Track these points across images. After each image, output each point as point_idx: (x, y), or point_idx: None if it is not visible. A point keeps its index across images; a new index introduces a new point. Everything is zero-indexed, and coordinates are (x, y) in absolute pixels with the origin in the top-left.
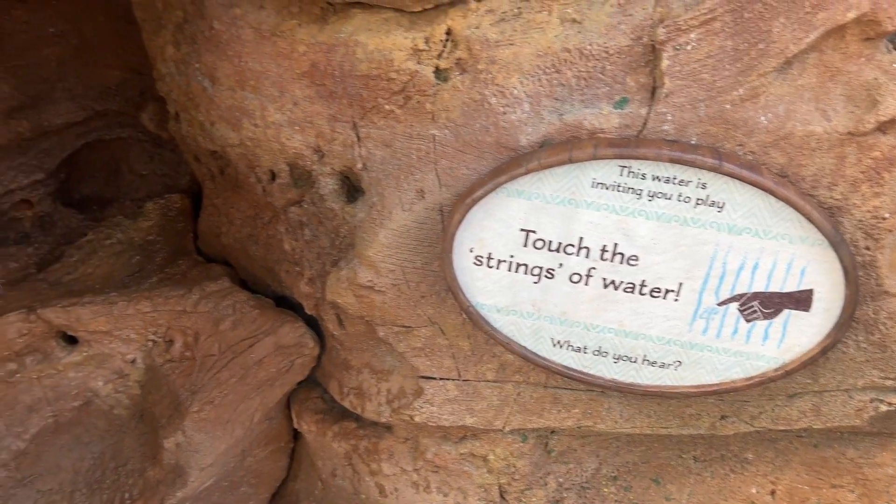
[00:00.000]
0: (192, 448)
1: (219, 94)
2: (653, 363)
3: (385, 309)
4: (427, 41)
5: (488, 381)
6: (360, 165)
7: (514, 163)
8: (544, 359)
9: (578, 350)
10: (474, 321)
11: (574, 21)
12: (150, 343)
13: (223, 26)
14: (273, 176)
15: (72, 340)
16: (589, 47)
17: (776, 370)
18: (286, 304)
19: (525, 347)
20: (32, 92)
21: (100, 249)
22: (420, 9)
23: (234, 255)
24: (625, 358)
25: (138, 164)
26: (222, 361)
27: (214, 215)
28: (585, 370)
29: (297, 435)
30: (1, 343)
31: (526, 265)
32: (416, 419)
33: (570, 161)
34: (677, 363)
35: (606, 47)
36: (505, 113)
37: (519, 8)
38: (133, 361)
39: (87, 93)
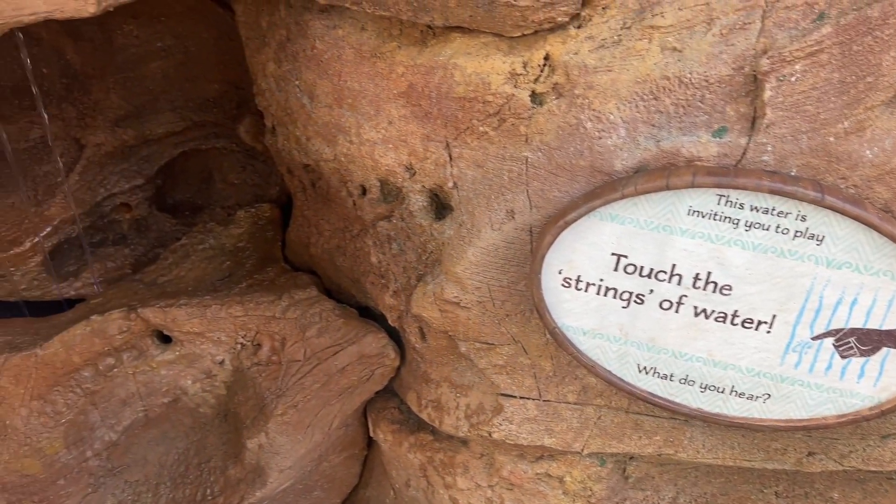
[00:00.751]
0: (273, 450)
1: (316, 111)
2: (741, 394)
3: (469, 325)
4: (525, 66)
5: (569, 402)
6: (450, 184)
7: (609, 187)
8: (629, 384)
9: (665, 377)
10: (559, 342)
11: (675, 49)
12: (238, 346)
13: (325, 46)
14: (364, 191)
15: (166, 340)
16: (689, 76)
17: (871, 409)
18: (369, 315)
19: (610, 371)
20: (138, 102)
21: (193, 254)
22: (520, 34)
23: (320, 265)
24: (712, 388)
25: (231, 174)
26: (307, 367)
27: (304, 226)
28: (671, 398)
29: (370, 443)
30: (102, 338)
31: (615, 289)
32: (495, 436)
33: (668, 188)
34: (766, 396)
35: (706, 76)
36: (600, 138)
37: (619, 35)
38: (221, 363)
39: (187, 104)
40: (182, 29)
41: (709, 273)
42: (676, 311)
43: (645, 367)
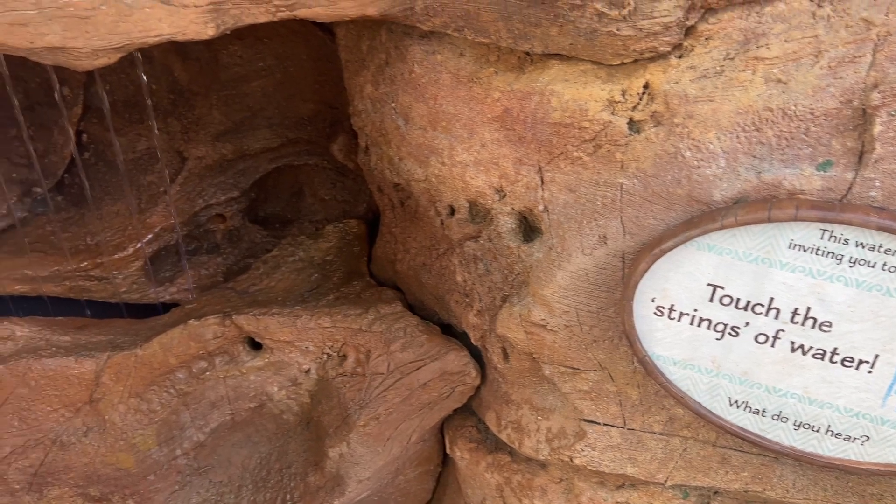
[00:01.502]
0: (353, 460)
1: (410, 132)
2: (837, 435)
3: (555, 348)
4: (623, 94)
5: (654, 432)
6: (541, 208)
7: (707, 217)
8: (719, 417)
9: (757, 412)
10: (648, 371)
11: (779, 81)
12: (325, 356)
13: (423, 70)
14: (452, 211)
15: (256, 346)
16: (793, 108)
17: None
18: (451, 333)
19: (699, 403)
20: (237, 119)
21: (283, 265)
22: (619, 62)
23: (405, 282)
24: (807, 426)
25: (321, 190)
26: (390, 381)
27: (391, 243)
28: (762, 434)
29: (445, 460)
30: (198, 342)
31: (710, 320)
32: (576, 461)
33: (769, 220)
34: (864, 438)
35: (812, 109)
36: (699, 167)
37: (722, 66)
38: (307, 371)
39: (283, 122)
40: (283, 50)
41: (808, 308)
42: (772, 346)
43: (736, 401)
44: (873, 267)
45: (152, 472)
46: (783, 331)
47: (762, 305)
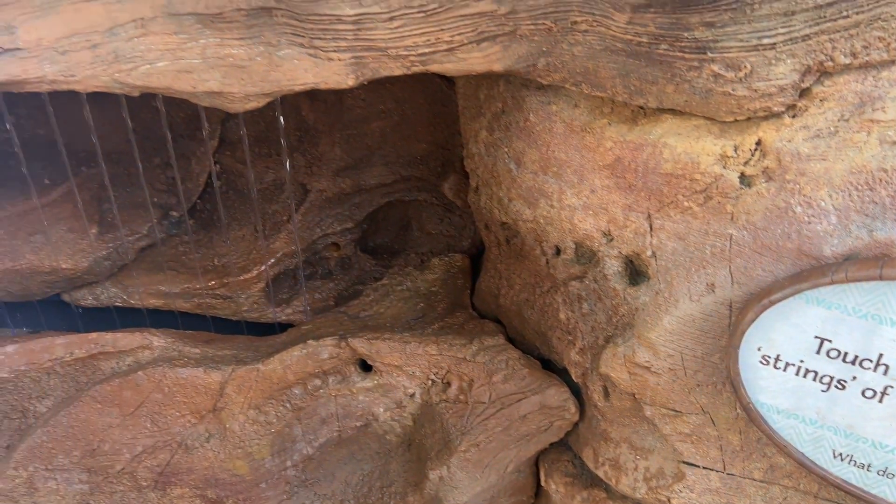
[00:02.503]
0: (452, 483)
1: (521, 176)
2: None
3: (657, 390)
4: (736, 149)
5: (754, 479)
6: (649, 253)
7: (817, 271)
8: (822, 469)
9: (862, 466)
10: (752, 418)
11: (895, 143)
12: (430, 382)
13: (538, 119)
14: (558, 251)
15: (367, 368)
16: None
17: None
18: (550, 368)
19: (803, 454)
20: (357, 156)
21: (391, 293)
22: (732, 119)
23: (507, 316)
24: None
25: (429, 224)
26: (491, 410)
27: (495, 278)
28: (866, 488)
29: (537, 493)
30: (315, 361)
31: (816, 372)
32: (673, 502)
33: (881, 278)
34: None
35: None
36: (810, 223)
37: (836, 127)
38: (412, 395)
39: (398, 160)
40: (402, 95)
41: None
42: (880, 401)
43: (841, 454)
44: None
45: (264, 480)
46: (892, 387)
47: (871, 361)
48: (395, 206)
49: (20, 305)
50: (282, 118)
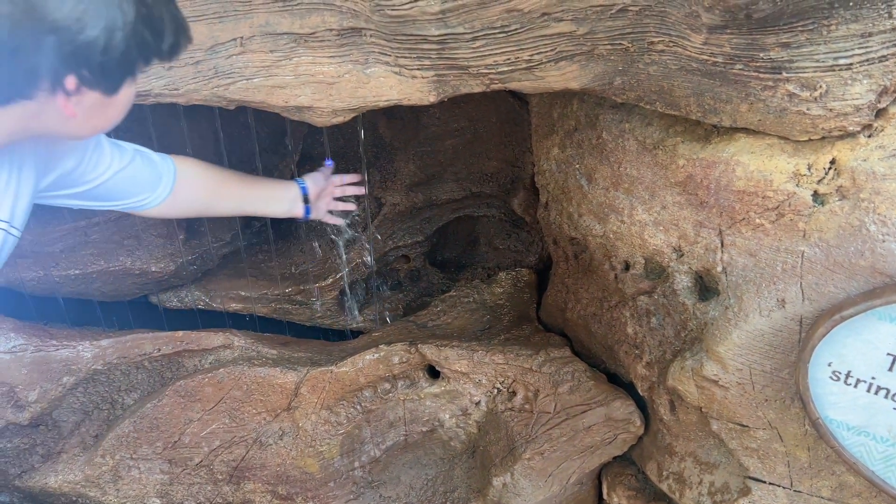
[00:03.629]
0: (515, 490)
1: (592, 192)
2: None
3: (725, 404)
4: (809, 167)
5: (822, 497)
6: (719, 269)
7: (890, 288)
8: (893, 488)
9: None
10: (821, 434)
11: None
12: (495, 390)
13: (610, 136)
14: (627, 266)
15: (434, 375)
16: None
17: None
18: (616, 382)
19: (873, 472)
20: (429, 172)
21: (459, 305)
22: (806, 138)
23: (573, 329)
24: None
25: (496, 239)
26: (556, 420)
27: (562, 292)
28: None
29: None
30: (386, 365)
31: (888, 390)
32: None
33: None
34: None
35: None
36: (884, 241)
37: None
38: (478, 403)
39: (468, 177)
40: (476, 113)
41: None
42: None
43: None
44: None
45: (332, 479)
46: None
47: None
48: (463, 221)
49: (111, 305)
50: (362, 132)
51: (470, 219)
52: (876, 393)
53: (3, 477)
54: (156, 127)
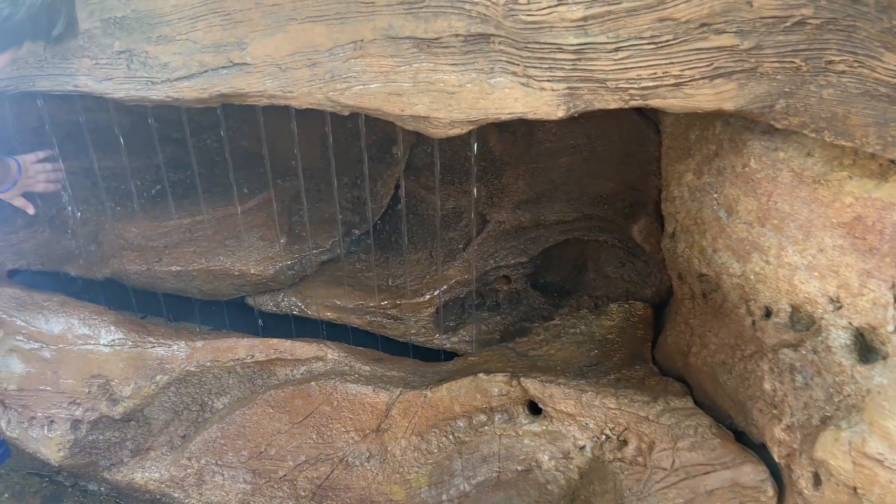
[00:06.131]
0: None
1: (732, 226)
2: None
3: (890, 490)
4: None
5: None
6: (890, 328)
7: None
8: None
9: None
10: None
11: None
12: (604, 437)
13: (760, 166)
14: (769, 313)
15: (535, 411)
16: None
17: None
18: (744, 441)
19: None
20: (539, 190)
21: (564, 335)
22: None
23: (696, 377)
24: None
25: (607, 267)
26: (673, 479)
27: (686, 333)
28: None
29: None
30: (484, 396)
31: None
32: None
33: None
34: None
35: None
36: None
37: None
38: (582, 448)
39: (581, 197)
40: (595, 130)
41: None
42: None
43: None
44: None
45: None
46: None
47: None
48: (572, 244)
49: (209, 304)
50: (475, 144)
51: (579, 242)
52: None
53: (93, 468)
54: (267, 128)
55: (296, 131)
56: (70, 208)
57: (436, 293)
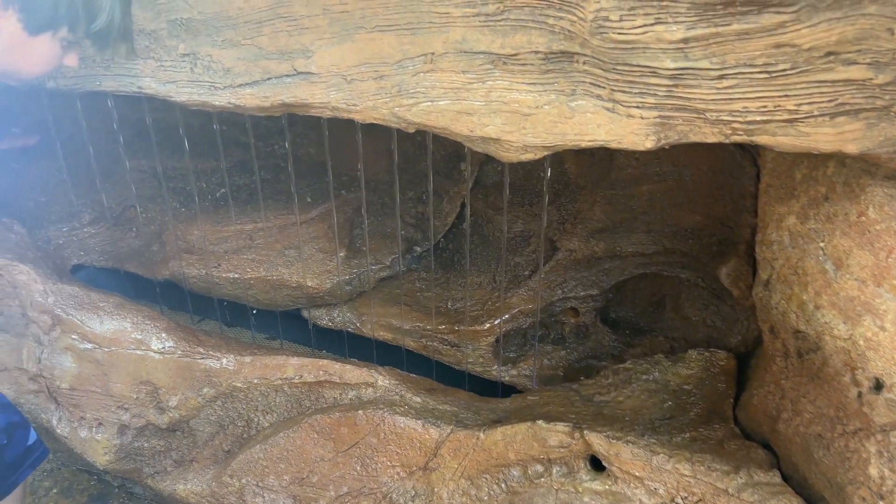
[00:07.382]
0: None
1: (841, 281)
2: None
3: None
4: None
5: None
6: None
7: None
8: None
9: None
10: None
11: None
12: None
13: (879, 216)
14: (879, 386)
15: (598, 468)
16: None
17: None
18: None
19: None
20: (617, 219)
21: (635, 381)
22: None
23: (786, 447)
24: None
25: (688, 308)
26: None
27: (775, 395)
28: None
29: None
30: (542, 445)
31: None
32: None
33: None
34: None
35: None
36: None
37: None
38: None
39: (662, 229)
40: (683, 158)
41: None
42: None
43: None
44: None
45: None
46: None
47: None
48: (649, 279)
49: (264, 314)
50: (549, 170)
51: (657, 278)
52: None
53: (137, 474)
54: (333, 137)
55: (361, 142)
56: (136, 206)
57: (497, 321)
